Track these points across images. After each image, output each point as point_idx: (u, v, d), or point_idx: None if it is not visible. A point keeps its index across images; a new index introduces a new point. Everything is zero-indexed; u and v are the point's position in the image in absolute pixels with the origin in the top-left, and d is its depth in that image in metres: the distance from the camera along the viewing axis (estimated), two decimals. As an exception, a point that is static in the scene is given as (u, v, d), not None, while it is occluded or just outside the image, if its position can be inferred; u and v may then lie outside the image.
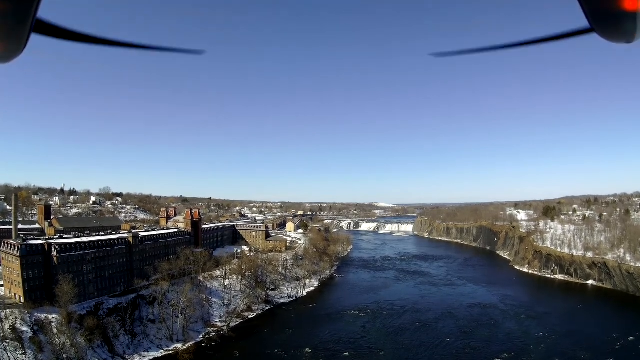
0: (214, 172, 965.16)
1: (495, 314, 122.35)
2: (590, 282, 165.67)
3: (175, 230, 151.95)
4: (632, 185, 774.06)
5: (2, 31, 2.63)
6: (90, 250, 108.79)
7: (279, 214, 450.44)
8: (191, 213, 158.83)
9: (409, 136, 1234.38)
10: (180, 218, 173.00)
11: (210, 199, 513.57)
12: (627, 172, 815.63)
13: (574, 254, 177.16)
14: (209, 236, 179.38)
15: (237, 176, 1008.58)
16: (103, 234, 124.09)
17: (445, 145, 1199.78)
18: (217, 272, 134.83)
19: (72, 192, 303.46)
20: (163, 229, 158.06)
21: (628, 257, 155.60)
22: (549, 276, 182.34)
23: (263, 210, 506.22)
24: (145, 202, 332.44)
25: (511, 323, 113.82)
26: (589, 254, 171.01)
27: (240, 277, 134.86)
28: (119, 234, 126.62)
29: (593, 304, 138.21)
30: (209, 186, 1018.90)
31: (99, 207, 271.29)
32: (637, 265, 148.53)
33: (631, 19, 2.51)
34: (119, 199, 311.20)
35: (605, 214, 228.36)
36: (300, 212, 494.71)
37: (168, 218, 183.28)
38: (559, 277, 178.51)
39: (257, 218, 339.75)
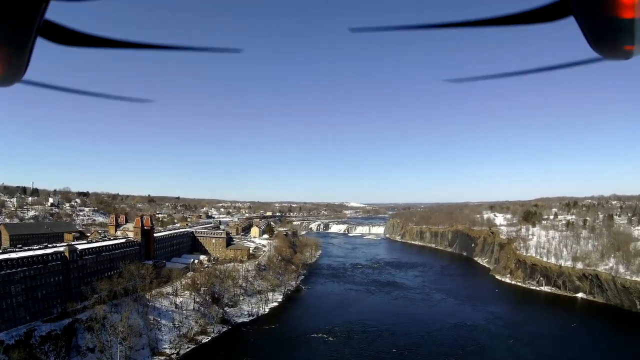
0: (183, 171, 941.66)
1: (481, 336, 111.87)
2: (580, 295, 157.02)
3: (123, 240, 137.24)
4: (609, 187, 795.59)
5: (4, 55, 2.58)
6: (19, 269, 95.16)
7: (247, 214, 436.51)
8: (141, 221, 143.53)
9: (380, 136, 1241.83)
10: (130, 226, 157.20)
11: (178, 198, 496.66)
12: (603, 173, 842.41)
13: (562, 264, 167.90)
14: (163, 245, 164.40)
15: (206, 176, 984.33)
16: (36, 247, 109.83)
17: (416, 146, 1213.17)
18: (169, 289, 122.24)
19: (34, 192, 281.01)
20: (110, 238, 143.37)
21: (621, 269, 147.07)
22: (534, 288, 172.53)
23: (231, 210, 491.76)
24: (106, 204, 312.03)
25: (499, 349, 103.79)
26: (579, 265, 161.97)
27: (194, 294, 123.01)
28: (56, 247, 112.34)
29: (586, 321, 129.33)
30: (178, 185, 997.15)
31: (57, 210, 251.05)
32: (633, 279, 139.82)
33: (629, 33, 2.54)
34: (78, 200, 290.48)
35: (589, 219, 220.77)
36: (269, 213, 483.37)
37: (117, 226, 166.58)
38: (545, 289, 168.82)
39: (222, 220, 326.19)
